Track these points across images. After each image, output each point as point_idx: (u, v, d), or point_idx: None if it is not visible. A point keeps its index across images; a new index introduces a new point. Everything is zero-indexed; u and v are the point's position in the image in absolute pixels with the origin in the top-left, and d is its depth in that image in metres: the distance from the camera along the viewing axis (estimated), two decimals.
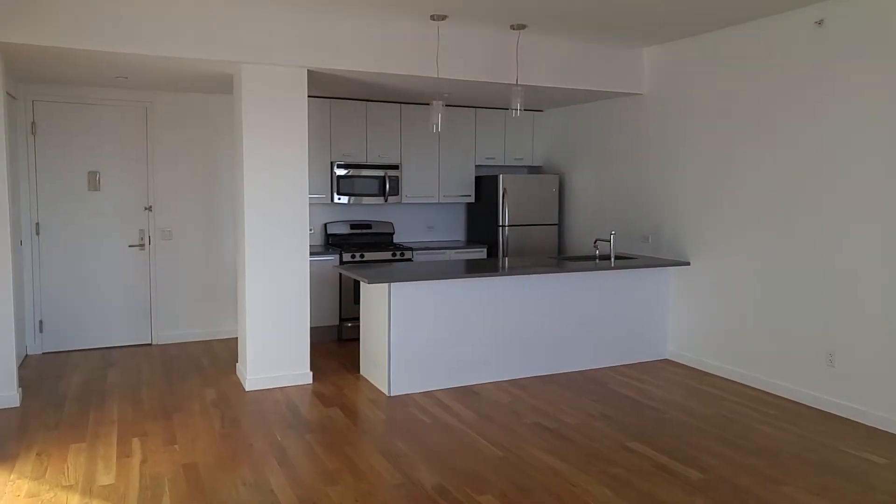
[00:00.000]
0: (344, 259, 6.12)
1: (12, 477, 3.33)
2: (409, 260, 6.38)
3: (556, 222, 6.96)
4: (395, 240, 6.98)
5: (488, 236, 6.87)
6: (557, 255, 6.90)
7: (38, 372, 5.12)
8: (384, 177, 6.45)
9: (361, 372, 5.15)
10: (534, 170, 7.45)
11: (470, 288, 4.85)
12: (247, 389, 4.72)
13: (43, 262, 5.60)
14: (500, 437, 3.92)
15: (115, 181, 5.76)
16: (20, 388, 4.50)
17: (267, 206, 4.69)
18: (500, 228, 6.68)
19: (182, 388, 4.76)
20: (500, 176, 6.64)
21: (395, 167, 6.50)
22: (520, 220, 6.76)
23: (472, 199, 6.99)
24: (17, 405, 4.35)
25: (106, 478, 3.33)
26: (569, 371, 5.28)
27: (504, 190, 6.62)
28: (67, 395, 4.59)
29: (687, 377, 5.15)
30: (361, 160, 6.38)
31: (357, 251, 6.17)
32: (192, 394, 4.63)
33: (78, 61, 4.44)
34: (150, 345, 5.99)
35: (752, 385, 4.94)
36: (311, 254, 5.94)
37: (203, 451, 3.66)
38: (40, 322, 5.62)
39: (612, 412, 4.35)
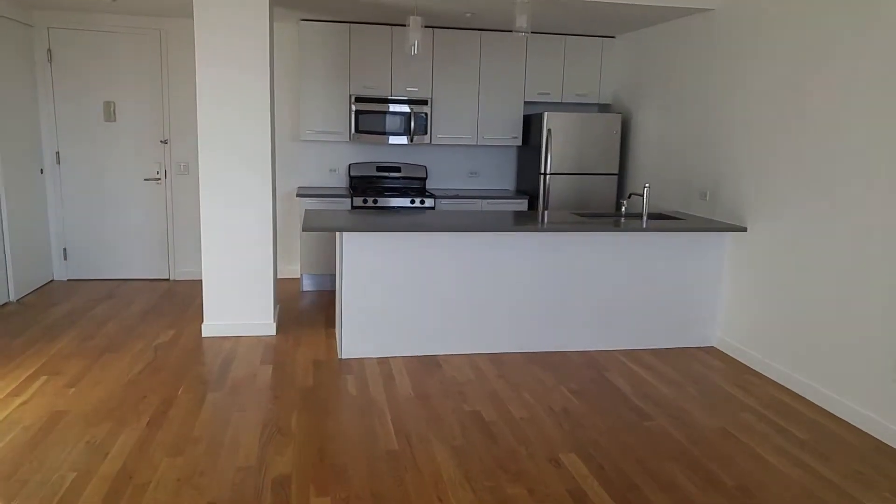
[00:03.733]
0: (354, 204, 5.60)
1: None
2: (431, 208, 5.71)
3: (616, 171, 5.86)
4: (429, 185, 6.31)
5: (532, 185, 5.96)
6: (591, 210, 5.84)
7: (39, 297, 5.27)
8: (410, 113, 5.77)
9: (336, 329, 4.68)
10: (603, 109, 6.32)
11: (446, 244, 4.12)
12: (203, 336, 4.46)
13: (65, 191, 5.72)
14: (415, 426, 3.25)
15: (130, 112, 5.69)
16: None
17: (224, 141, 4.27)
18: (542, 177, 5.74)
19: (146, 328, 4.61)
20: (545, 114, 5.65)
21: (424, 102, 5.78)
22: (568, 167, 5.76)
23: (518, 142, 6.09)
24: None
25: None
26: (568, 350, 4.38)
27: (548, 131, 5.64)
28: (40, 322, 4.63)
29: (719, 373, 4.05)
30: (385, 94, 5.74)
31: (375, 196, 5.62)
32: (147, 335, 4.45)
33: None
34: (167, 279, 5.98)
35: (796, 391, 3.75)
36: (324, 196, 5.50)
37: (92, 398, 3.42)
38: (64, 250, 5.79)
39: (579, 408, 3.47)
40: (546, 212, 4.77)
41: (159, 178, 5.82)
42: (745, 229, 4.25)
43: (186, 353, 4.12)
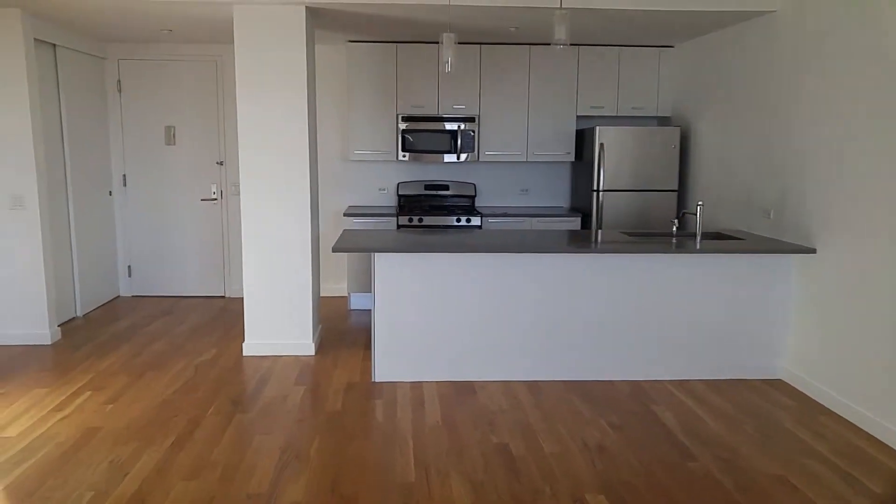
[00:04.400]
0: (400, 223, 5.55)
1: None
2: (477, 227, 5.58)
3: (676, 188, 5.54)
4: (479, 203, 6.19)
5: (586, 203, 5.73)
6: (645, 229, 5.52)
7: (103, 313, 5.50)
8: (457, 131, 5.68)
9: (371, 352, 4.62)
10: (662, 122, 6.02)
11: (483, 265, 3.98)
12: (244, 354, 4.50)
13: (130, 211, 5.97)
14: (436, 457, 3.11)
15: (189, 136, 5.89)
16: (59, 328, 4.84)
17: (263, 162, 4.31)
18: (595, 194, 5.50)
19: (192, 345, 4.71)
20: (597, 128, 5.43)
21: (472, 119, 5.68)
22: (623, 183, 5.50)
23: (570, 158, 5.87)
24: (49, 343, 4.67)
25: (11, 429, 3.31)
26: (614, 380, 4.13)
27: (601, 146, 5.41)
28: (97, 339, 4.81)
29: (784, 409, 3.69)
30: (432, 112, 5.69)
31: (421, 214, 5.56)
32: (192, 353, 4.54)
33: (102, 12, 4.46)
34: (223, 297, 6.12)
35: (875, 435, 3.36)
36: (370, 215, 5.49)
37: (125, 416, 3.49)
38: (129, 267, 6.04)
39: (616, 445, 3.23)
40: (596, 231, 4.54)
41: (215, 199, 5.99)
42: (813, 251, 3.88)
43: (224, 373, 4.16)
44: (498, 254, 3.95)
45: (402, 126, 5.64)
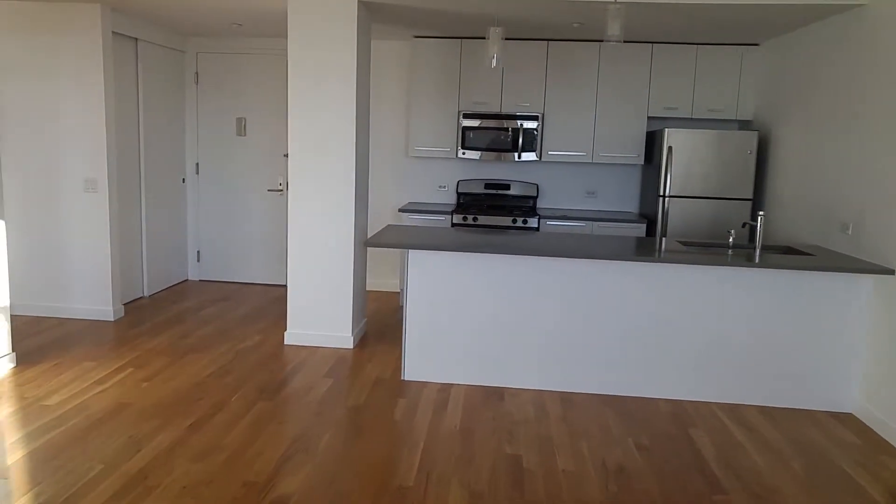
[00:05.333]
0: (455, 221, 5.46)
1: (15, 373, 3.74)
2: (534, 229, 5.39)
3: (750, 196, 5.12)
4: (541, 204, 5.98)
5: (652, 209, 5.41)
6: (705, 239, 5.10)
7: (168, 295, 5.77)
8: (519, 129, 5.51)
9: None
10: (743, 126, 5.58)
11: (522, 268, 3.82)
12: (285, 343, 4.56)
13: (201, 198, 6.24)
14: (442, 463, 3.01)
15: (258, 128, 6.07)
16: (124, 306, 5.12)
17: (310, 155, 4.36)
18: (661, 199, 5.17)
19: (239, 331, 4.83)
20: (666, 130, 5.10)
21: (535, 118, 5.49)
22: (692, 189, 5.14)
23: (639, 161, 5.56)
24: (111, 319, 4.94)
25: (53, 398, 3.51)
26: (655, 397, 3.84)
27: (669, 149, 5.07)
28: (154, 319, 5.04)
29: (844, 447, 3.29)
30: (494, 109, 5.55)
31: (477, 213, 5.44)
32: (236, 338, 4.66)
33: (168, 6, 4.67)
34: (283, 285, 6.27)
35: None
36: (426, 212, 5.44)
37: (157, 394, 3.61)
38: (198, 252, 6.32)
39: (639, 468, 3.00)
40: (660, 239, 4.25)
41: (281, 189, 6.14)
42: (892, 272, 3.45)
43: (262, 360, 4.23)
44: (539, 257, 3.77)
45: (464, 123, 5.54)
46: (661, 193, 5.17)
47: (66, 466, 2.84)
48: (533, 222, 5.39)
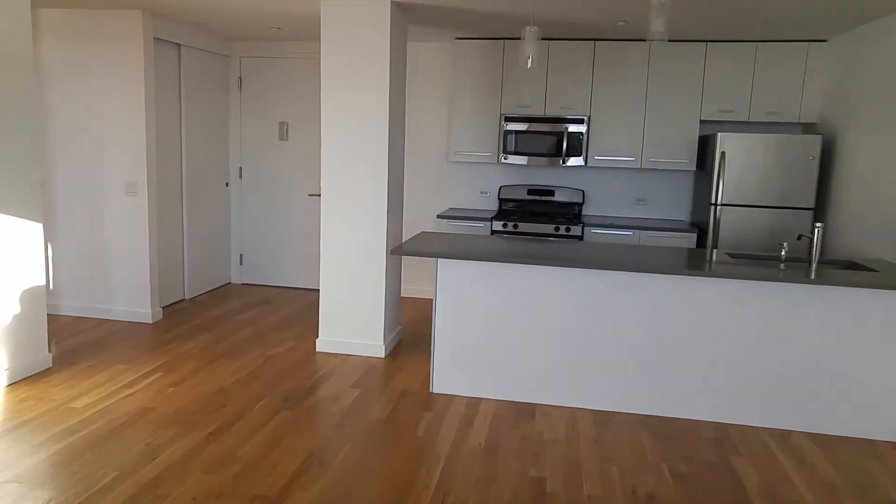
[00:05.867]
0: (494, 228, 5.29)
1: (49, 374, 3.80)
2: (578, 238, 5.17)
3: (812, 206, 4.76)
4: (587, 212, 5.75)
5: (704, 217, 5.10)
6: (743, 252, 4.75)
7: (209, 298, 5.80)
8: (563, 133, 5.30)
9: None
10: (807, 129, 5.21)
11: (556, 279, 3.63)
12: (316, 350, 4.50)
13: (244, 202, 6.28)
14: (461, 483, 2.85)
15: (300, 132, 6.06)
16: (163, 309, 5.17)
17: (342, 161, 4.29)
18: (713, 208, 4.87)
19: (273, 336, 4.80)
20: (719, 135, 4.81)
21: (580, 121, 5.28)
22: (747, 198, 4.83)
23: (691, 166, 5.26)
24: (150, 322, 5.00)
25: (81, 401, 3.53)
26: (699, 419, 3.58)
27: (722, 154, 4.75)
28: (191, 323, 5.07)
29: None
30: (538, 113, 5.36)
31: (517, 220, 5.26)
32: (269, 344, 4.62)
33: (202, 9, 4.69)
34: None
35: None
36: (466, 218, 5.31)
37: (181, 400, 3.59)
38: (241, 256, 6.36)
39: (671, 498, 2.76)
40: (701, 250, 3.98)
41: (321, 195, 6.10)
42: None
43: (291, 367, 4.18)
44: (577, 268, 3.57)
45: (506, 126, 5.38)
46: (713, 201, 4.86)
47: (82, 472, 2.82)
48: (576, 230, 5.18)
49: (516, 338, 3.74)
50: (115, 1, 4.42)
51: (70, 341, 4.51)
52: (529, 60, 3.71)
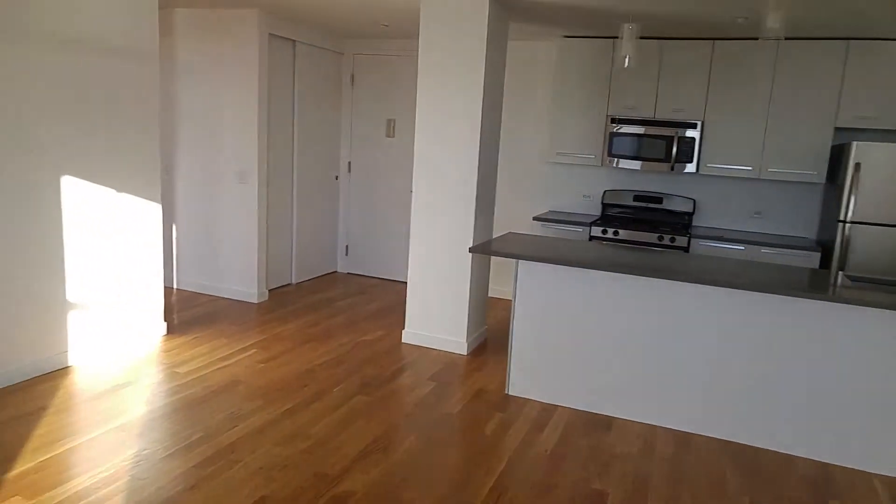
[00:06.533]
0: (592, 233, 5.13)
1: (163, 342, 4.16)
2: (682, 249, 4.90)
3: None
4: (697, 222, 5.42)
5: (831, 236, 4.65)
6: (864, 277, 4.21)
7: (313, 284, 6.07)
8: (673, 137, 5.04)
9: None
10: None
11: (644, 290, 3.47)
12: (402, 341, 4.58)
13: (352, 195, 6.53)
14: (518, 487, 2.80)
15: (406, 129, 6.20)
16: (269, 291, 5.50)
17: (435, 159, 4.34)
18: (841, 225, 4.43)
19: (364, 325, 4.94)
20: (854, 144, 4.36)
21: (692, 125, 4.99)
22: (884, 216, 4.34)
23: (819, 179, 4.81)
24: (255, 302, 5.32)
25: (184, 367, 3.83)
26: (794, 454, 3.26)
27: (856, 166, 4.33)
28: (293, 306, 5.32)
29: None
30: (648, 115, 5.14)
31: (617, 227, 5.08)
32: (359, 331, 4.77)
33: (323, 8, 4.92)
34: None
35: None
36: (562, 221, 5.21)
37: (268, 376, 3.79)
38: (346, 246, 6.61)
39: None
40: (822, 272, 3.64)
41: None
42: None
43: (374, 355, 4.29)
44: (669, 280, 3.37)
45: (612, 129, 5.21)
46: (841, 218, 4.43)
47: (173, 429, 3.06)
48: (681, 241, 4.91)
49: (598, 347, 3.61)
50: (235, 0, 4.75)
51: (184, 314, 4.91)
52: (627, 60, 3.58)
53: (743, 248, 4.81)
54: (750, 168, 4.95)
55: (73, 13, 3.54)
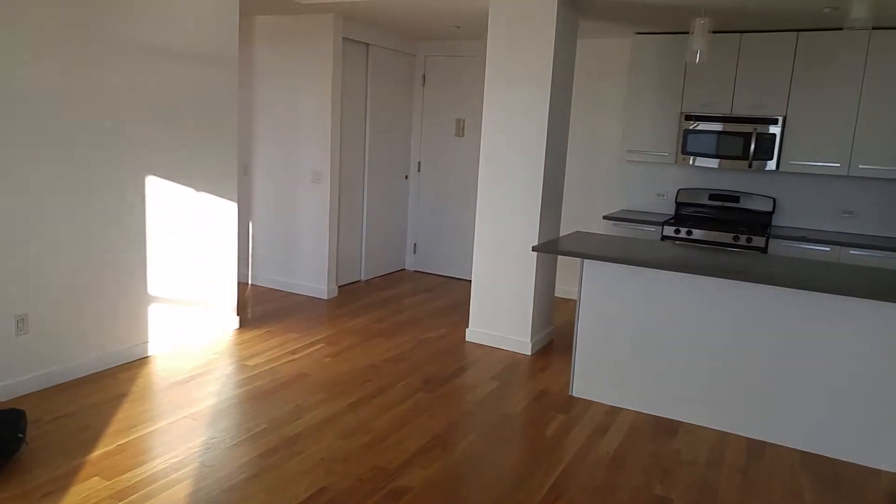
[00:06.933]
0: (665, 233, 4.97)
1: (235, 335, 4.33)
2: (760, 250, 4.67)
3: None
4: (778, 222, 5.15)
5: None
6: None
7: (382, 281, 6.16)
8: (751, 134, 4.82)
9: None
10: None
11: (713, 291, 3.33)
12: (466, 340, 4.59)
13: (421, 194, 6.58)
14: (577, 488, 2.75)
15: (475, 129, 6.20)
16: (339, 288, 5.63)
17: (501, 156, 4.31)
18: None
19: (429, 322, 4.97)
20: None
21: (773, 121, 4.75)
22: None
23: None
24: (325, 298, 5.45)
25: (253, 360, 3.97)
26: (881, 468, 3.05)
27: None
28: (361, 302, 5.42)
29: None
30: (724, 111, 4.93)
31: (691, 227, 4.90)
32: (423, 328, 4.80)
33: (397, 12, 4.99)
34: None
35: None
36: (633, 221, 5.08)
37: (334, 370, 3.88)
38: (414, 244, 6.68)
39: None
40: None
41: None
42: None
43: (438, 352, 4.31)
44: (746, 283, 3.22)
45: (686, 126, 5.03)
46: None
47: (240, 419, 3.19)
48: (759, 242, 4.68)
49: (665, 349, 3.49)
50: (311, 6, 4.89)
51: (257, 308, 5.09)
52: (698, 55, 3.45)
53: (828, 248, 4.54)
54: (837, 164, 4.67)
55: (163, 25, 3.75)
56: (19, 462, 2.71)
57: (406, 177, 6.57)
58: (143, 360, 3.88)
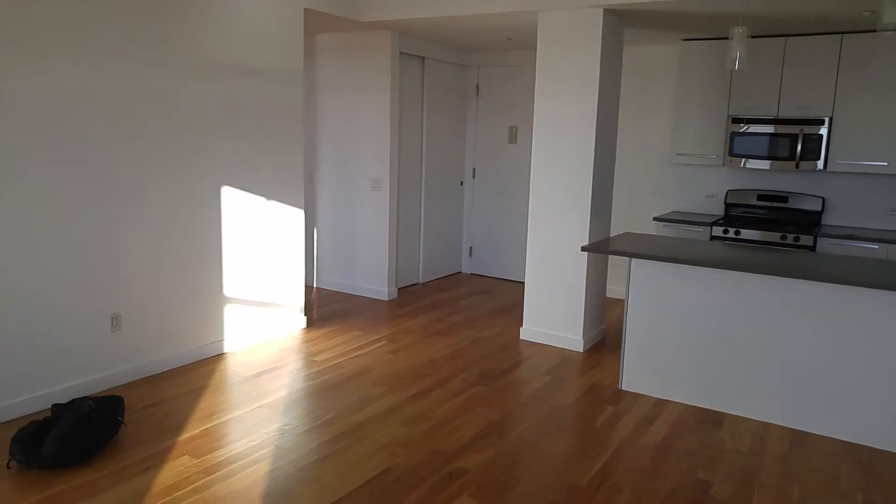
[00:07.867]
0: (714, 233, 5.07)
1: (303, 333, 4.68)
2: (808, 248, 4.73)
3: None
4: (827, 221, 5.18)
5: None
6: None
7: (439, 283, 6.44)
8: (798, 135, 4.88)
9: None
10: None
11: (757, 288, 3.47)
12: (519, 338, 4.81)
13: (476, 200, 6.84)
14: (623, 472, 2.94)
15: (527, 136, 6.42)
16: (399, 290, 5.93)
17: (552, 161, 4.53)
18: None
19: (485, 320, 5.22)
20: None
21: (819, 122, 4.81)
22: None
23: None
24: (386, 299, 5.77)
25: (321, 356, 4.31)
26: None
27: None
28: (420, 303, 5.72)
29: None
30: (770, 113, 5.00)
31: (740, 226, 4.99)
32: (479, 327, 5.05)
33: (447, 29, 5.28)
34: None
35: None
36: (682, 222, 5.21)
37: (396, 365, 4.17)
38: (470, 248, 6.94)
39: None
40: None
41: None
42: None
43: (493, 349, 4.56)
44: (789, 278, 3.35)
45: (733, 128, 5.13)
46: None
47: (310, 408, 3.51)
48: (807, 240, 4.74)
49: (711, 344, 3.64)
50: (371, 24, 5.23)
51: (323, 309, 5.45)
52: (737, 62, 3.59)
53: (877, 246, 4.57)
54: (886, 163, 4.69)
55: (234, 45, 4.14)
56: (118, 443, 3.09)
57: (461, 183, 6.85)
58: (219, 357, 4.26)
